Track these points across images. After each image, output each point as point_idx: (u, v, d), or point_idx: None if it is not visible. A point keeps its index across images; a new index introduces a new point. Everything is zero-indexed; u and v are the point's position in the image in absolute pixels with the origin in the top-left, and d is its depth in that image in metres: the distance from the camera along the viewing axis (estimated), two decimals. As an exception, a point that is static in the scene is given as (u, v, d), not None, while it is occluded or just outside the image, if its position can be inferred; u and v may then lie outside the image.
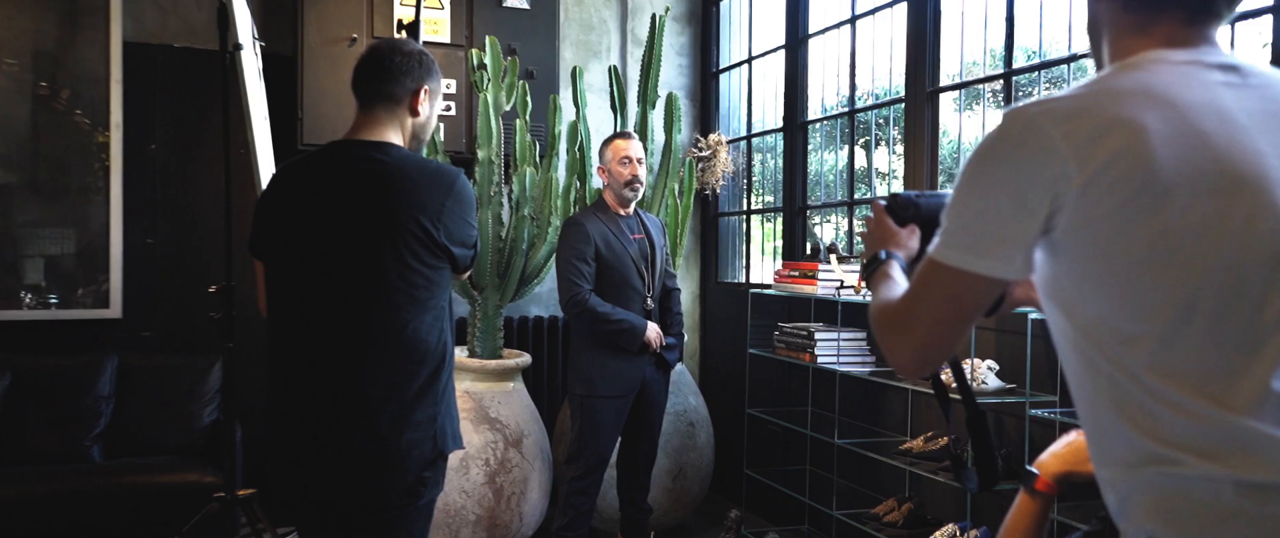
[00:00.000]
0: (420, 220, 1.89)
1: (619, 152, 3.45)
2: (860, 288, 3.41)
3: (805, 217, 4.32)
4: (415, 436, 1.91)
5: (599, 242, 3.38)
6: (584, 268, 3.34)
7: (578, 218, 3.45)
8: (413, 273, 1.90)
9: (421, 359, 1.92)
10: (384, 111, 1.99)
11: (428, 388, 1.93)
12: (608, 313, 3.35)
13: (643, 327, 3.39)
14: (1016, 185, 0.98)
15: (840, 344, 3.46)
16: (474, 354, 3.93)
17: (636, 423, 3.55)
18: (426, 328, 1.93)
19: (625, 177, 3.43)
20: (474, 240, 2.02)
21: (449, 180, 1.96)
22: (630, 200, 3.48)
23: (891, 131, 3.85)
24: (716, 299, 5.00)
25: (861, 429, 3.59)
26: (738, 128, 5.00)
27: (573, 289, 3.33)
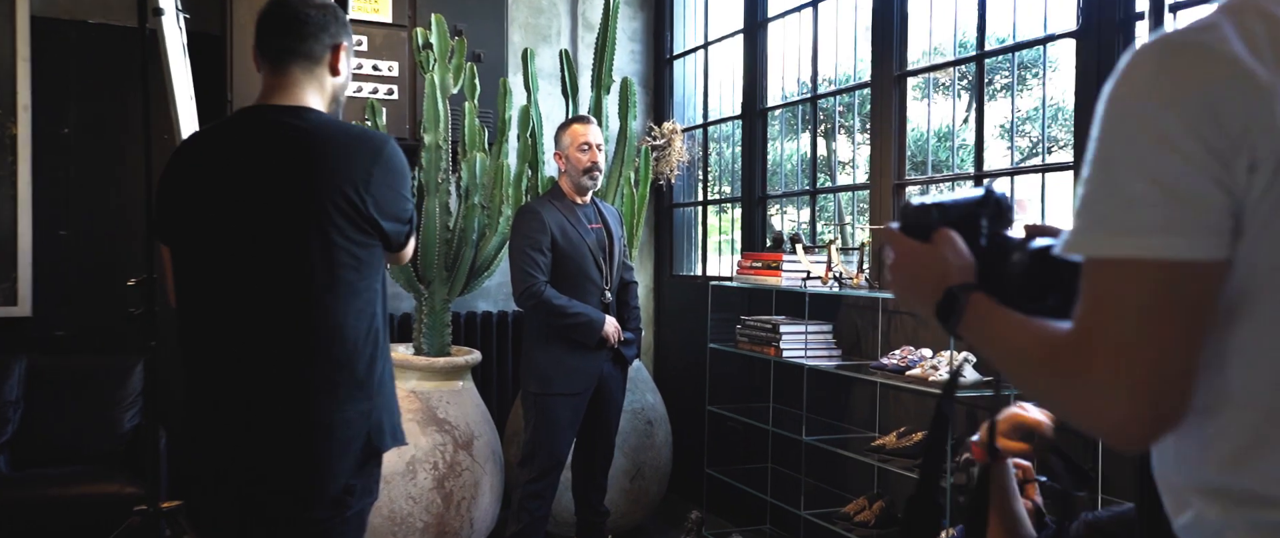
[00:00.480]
0: (345, 191, 1.70)
1: (577, 137, 3.27)
2: (827, 279, 3.29)
3: (765, 207, 4.19)
4: (347, 434, 1.73)
5: (555, 231, 3.19)
6: (539, 258, 3.15)
7: (532, 206, 3.26)
8: (338, 252, 1.71)
9: (352, 349, 1.73)
10: (301, 72, 1.79)
11: (360, 381, 1.74)
12: (564, 306, 3.16)
13: (600, 320, 3.21)
14: (1203, 127, 0.71)
15: (807, 337, 3.33)
16: (420, 352, 3.71)
17: (593, 422, 3.38)
18: (356, 313, 1.74)
19: (584, 164, 3.24)
20: (409, 214, 1.83)
21: (376, 146, 1.77)
22: (589, 189, 3.30)
23: (855, 119, 3.73)
24: (672, 292, 4.84)
25: (827, 426, 3.47)
26: (693, 116, 4.85)
27: (527, 280, 3.14)
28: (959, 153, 3.51)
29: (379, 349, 1.79)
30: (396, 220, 1.80)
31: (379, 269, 1.81)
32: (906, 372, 2.80)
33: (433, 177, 3.50)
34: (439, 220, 3.56)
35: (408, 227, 1.84)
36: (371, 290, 1.79)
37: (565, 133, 3.30)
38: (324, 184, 1.70)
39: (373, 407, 1.77)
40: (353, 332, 1.73)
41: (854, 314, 3.49)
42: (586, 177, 3.25)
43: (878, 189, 3.41)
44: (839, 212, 3.92)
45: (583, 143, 3.25)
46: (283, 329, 1.72)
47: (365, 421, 1.75)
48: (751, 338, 3.58)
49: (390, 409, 1.84)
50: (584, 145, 3.25)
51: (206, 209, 1.76)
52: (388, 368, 1.84)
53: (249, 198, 1.73)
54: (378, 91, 4.12)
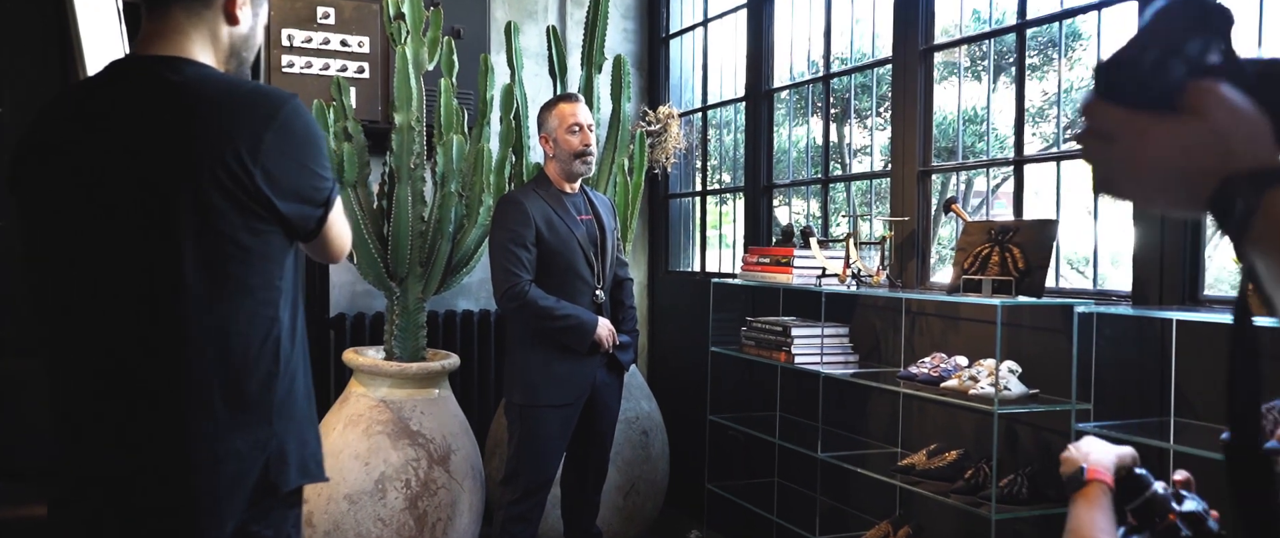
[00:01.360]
0: (226, 162, 1.37)
1: (566, 117, 2.91)
2: (845, 277, 2.95)
3: (771, 197, 3.84)
4: (235, 467, 1.41)
5: (540, 223, 2.84)
6: (523, 254, 2.79)
7: (515, 196, 2.90)
8: (220, 240, 1.39)
9: (240, 362, 1.41)
10: (184, 15, 1.46)
11: (251, 402, 1.43)
12: (551, 307, 2.81)
13: (593, 323, 2.86)
14: None
15: (823, 341, 2.98)
16: (392, 356, 3.35)
17: (585, 435, 3.03)
18: (247, 318, 1.42)
19: (574, 147, 2.89)
20: (323, 195, 1.49)
21: (272, 105, 1.43)
22: (579, 176, 2.94)
23: (871, 101, 3.39)
24: (667, 290, 4.50)
25: (842, 440, 3.13)
26: (691, 99, 4.50)
27: (510, 279, 2.79)
28: (986, 139, 3.17)
29: (283, 363, 1.47)
30: (302, 201, 1.46)
31: (282, 264, 1.48)
32: (940, 383, 2.47)
33: (404, 161, 3.14)
34: (412, 210, 3.20)
35: (321, 211, 1.51)
36: (269, 289, 1.45)
37: (551, 113, 2.95)
38: (200, 153, 1.37)
39: (272, 434, 1.45)
40: (242, 341, 1.41)
41: (872, 316, 3.16)
42: (578, 162, 2.90)
43: (899, 176, 3.07)
44: (851, 202, 3.58)
45: (572, 124, 2.90)
46: (148, 336, 1.39)
47: (260, 451, 1.43)
48: (759, 341, 3.24)
49: (301, 437, 1.51)
50: (574, 127, 2.89)
51: (60, 187, 1.42)
52: (299, 386, 1.51)
53: (107, 170, 1.39)
54: (347, 69, 3.75)
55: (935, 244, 3.07)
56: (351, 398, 3.25)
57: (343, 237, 1.64)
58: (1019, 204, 2.67)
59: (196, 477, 1.41)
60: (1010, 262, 2.39)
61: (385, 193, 3.30)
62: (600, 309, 2.95)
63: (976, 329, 2.70)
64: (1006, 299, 2.26)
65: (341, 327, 3.92)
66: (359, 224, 3.16)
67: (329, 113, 3.27)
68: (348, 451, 3.12)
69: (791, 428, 3.34)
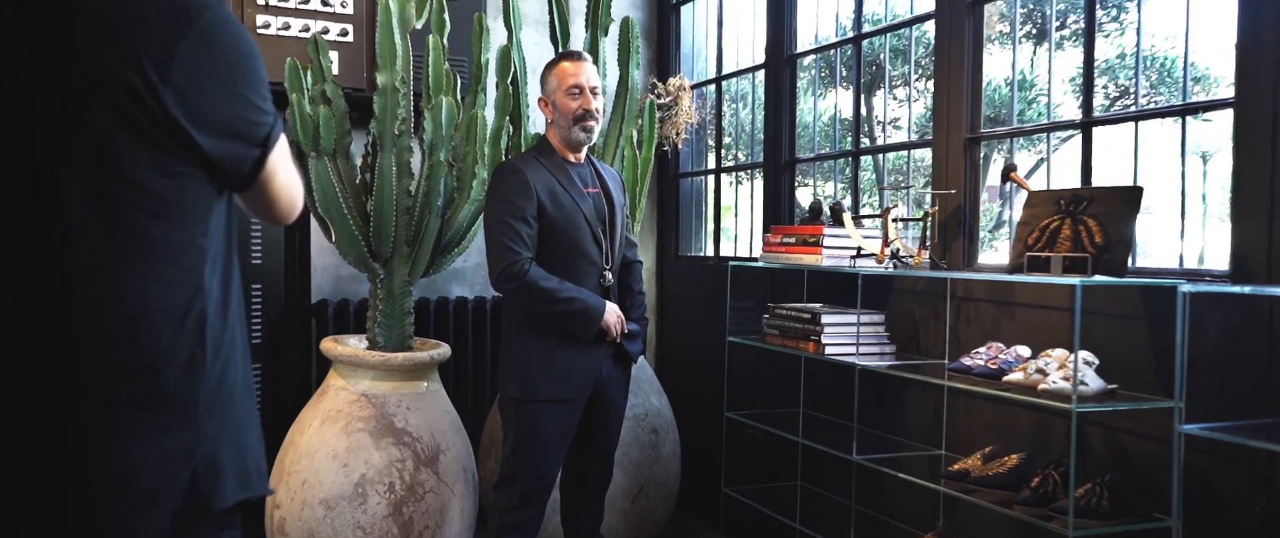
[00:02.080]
0: (127, 80, 1.06)
1: (565, 77, 2.58)
2: (883, 257, 2.62)
3: (793, 174, 3.51)
4: (151, 481, 1.11)
5: (543, 194, 2.51)
6: (522, 228, 2.46)
7: (514, 163, 2.56)
8: (121, 184, 1.08)
9: (154, 343, 1.10)
10: None
11: (170, 394, 1.12)
12: (554, 289, 2.48)
13: (600, 308, 2.54)
14: None
15: (860, 330, 2.65)
16: (375, 345, 3.02)
17: (588, 434, 2.71)
18: (160, 286, 1.11)
19: (574, 110, 2.56)
20: (261, 129, 1.18)
21: (188, 11, 1.11)
22: (582, 143, 2.61)
23: (908, 66, 3.05)
24: (677, 276, 4.17)
25: (877, 440, 2.80)
26: (704, 70, 4.17)
27: (507, 257, 2.46)
28: (1036, 104, 2.83)
29: (211, 345, 1.15)
30: (231, 136, 1.15)
31: (204, 216, 1.16)
32: (1002, 377, 2.14)
33: (388, 127, 2.80)
34: (397, 182, 2.86)
35: (257, 151, 1.19)
36: (189, 250, 1.14)
37: (551, 73, 2.61)
38: (90, 69, 1.06)
39: (201, 436, 1.14)
40: (152, 316, 1.10)
41: (910, 301, 2.82)
42: (577, 128, 2.56)
43: (943, 145, 2.74)
44: (879, 177, 3.24)
45: (572, 85, 2.56)
46: (24, 311, 1.08)
47: (184, 460, 1.12)
48: (783, 330, 2.91)
49: (239, 441, 1.20)
50: (573, 88, 2.56)
51: None
52: (236, 376, 1.20)
53: None
54: (329, 32, 3.42)
55: (989, 219, 2.73)
56: (330, 392, 2.92)
57: (290, 189, 1.31)
58: (1087, 172, 2.33)
59: (96, 498, 1.09)
60: (1084, 236, 2.05)
61: (368, 165, 2.97)
62: (608, 293, 2.63)
63: (1038, 316, 2.36)
64: (1084, 279, 1.93)
65: (324, 314, 3.60)
66: (338, 198, 2.83)
67: (305, 76, 2.94)
68: (324, 450, 2.79)
69: (817, 426, 3.01)
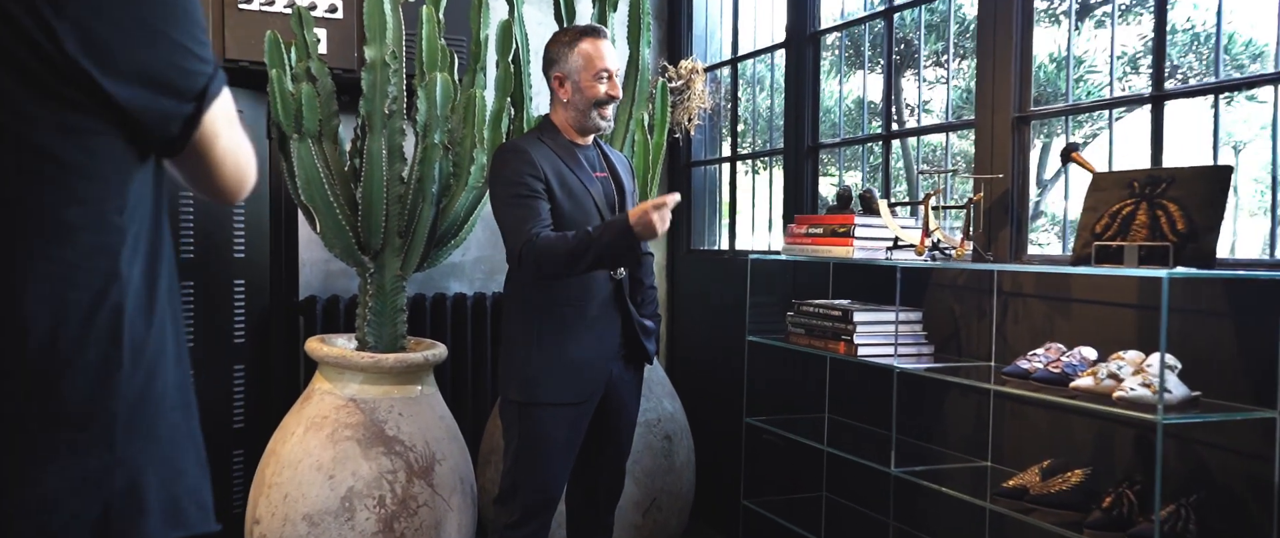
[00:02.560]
0: (12, 16, 0.84)
1: (593, 60, 2.30)
2: (923, 248, 2.37)
3: (816, 160, 3.26)
4: (54, 519, 0.89)
5: (551, 177, 2.26)
6: (538, 205, 2.20)
7: (517, 144, 2.30)
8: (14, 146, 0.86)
9: (48, 347, 0.88)
10: None
11: (75, 412, 0.90)
12: (578, 242, 2.10)
13: (623, 219, 2.07)
14: None
15: (898, 329, 2.40)
16: (365, 346, 2.78)
17: (597, 441, 2.46)
18: (58, 276, 0.89)
19: (598, 95, 2.30)
20: (196, 80, 0.95)
21: None
22: (596, 130, 2.36)
23: (945, 41, 2.80)
24: (690, 271, 3.92)
25: (912, 449, 2.56)
26: (718, 52, 3.92)
27: (523, 233, 2.17)
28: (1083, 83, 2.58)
29: (129, 346, 0.93)
30: (152, 84, 0.92)
31: (120, 185, 0.93)
32: (1068, 383, 1.89)
33: (377, 106, 2.56)
34: (387, 167, 2.62)
35: (190, 106, 0.95)
36: (101, 228, 0.92)
37: (572, 50, 2.33)
38: None
39: (117, 461, 0.92)
40: (49, 309, 0.88)
41: (949, 297, 2.58)
42: (597, 114, 2.31)
43: (987, 126, 2.49)
44: (908, 164, 2.99)
45: (601, 69, 2.30)
46: None
47: (93, 489, 0.90)
48: (810, 329, 2.66)
49: (171, 465, 0.97)
50: (603, 73, 2.30)
51: None
52: (165, 384, 0.97)
53: None
54: (317, 7, 3.17)
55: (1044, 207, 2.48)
56: (315, 396, 2.68)
57: (236, 158, 1.07)
58: (1157, 151, 2.08)
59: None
60: (1165, 222, 1.80)
61: (358, 150, 2.73)
62: (619, 288, 2.38)
63: (1100, 313, 2.12)
64: (1170, 271, 1.68)
65: (312, 311, 3.35)
66: (323, 184, 2.58)
67: (289, 53, 2.69)
68: (308, 460, 2.55)
69: (844, 433, 2.77)
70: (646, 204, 2.03)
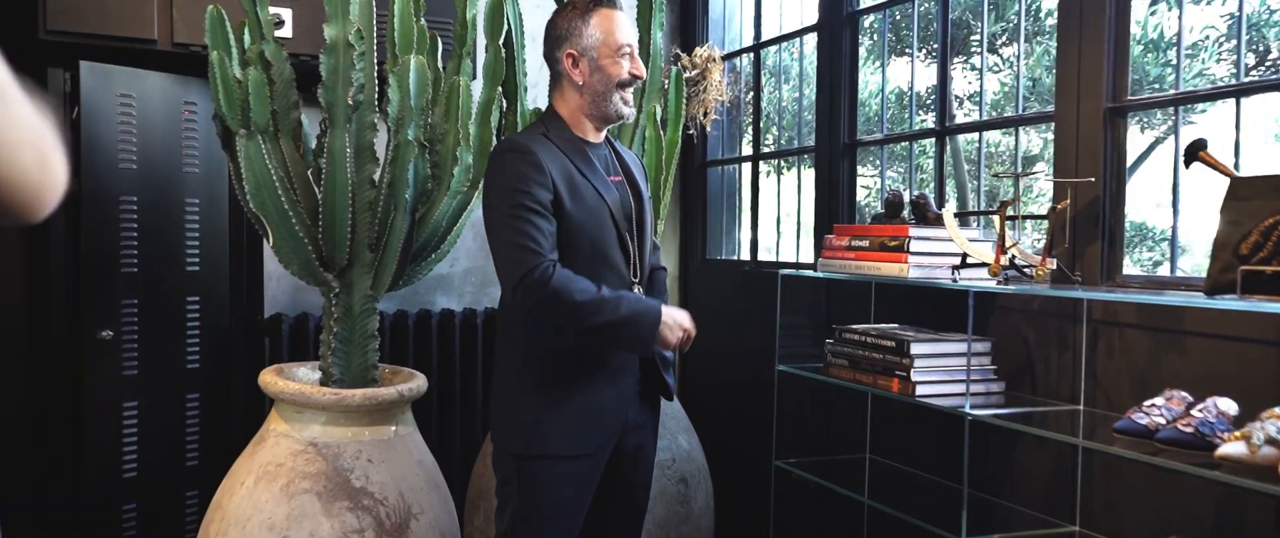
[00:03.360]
0: None
1: (612, 33, 1.86)
2: (998, 268, 1.95)
3: (854, 160, 2.84)
4: None
5: (560, 182, 1.82)
6: (541, 223, 1.78)
7: (520, 142, 1.86)
8: None
9: None
10: None
11: None
12: (593, 295, 1.77)
13: (655, 311, 1.82)
14: None
15: (970, 364, 1.98)
16: (328, 379, 2.36)
17: (610, 498, 2.03)
18: None
19: (620, 73, 1.87)
20: None
21: None
22: (617, 119, 1.92)
23: (1012, 20, 2.38)
24: (704, 282, 3.51)
25: (980, 506, 2.14)
26: (736, 38, 3.51)
27: (525, 261, 1.76)
28: (1170, 69, 2.16)
29: None
30: None
31: None
32: (1210, 449, 1.47)
33: (340, 96, 2.14)
34: (354, 168, 2.21)
35: None
36: None
37: (585, 23, 1.88)
38: None
39: None
40: None
41: (1020, 323, 2.16)
42: (619, 98, 1.89)
43: (1070, 119, 2.07)
44: (957, 159, 2.57)
45: (624, 44, 1.87)
46: None
47: None
48: (855, 361, 2.25)
49: None
50: (625, 49, 1.88)
51: None
52: None
53: None
54: (280, -16, 2.76)
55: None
56: (269, 440, 2.27)
57: (15, 151, 0.65)
58: (1306, 152, 1.66)
59: None
60: (1341, 243, 1.38)
61: (322, 149, 2.31)
62: (637, 313, 1.95)
63: (1236, 353, 1.70)
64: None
65: (277, 332, 2.94)
66: (276, 189, 2.17)
67: (243, 34, 2.29)
68: (258, 518, 2.14)
69: (888, 479, 2.36)
70: (687, 322, 1.85)
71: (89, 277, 2.63)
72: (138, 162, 2.70)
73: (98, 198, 2.63)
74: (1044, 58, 2.76)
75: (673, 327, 1.81)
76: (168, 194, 2.77)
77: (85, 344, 2.63)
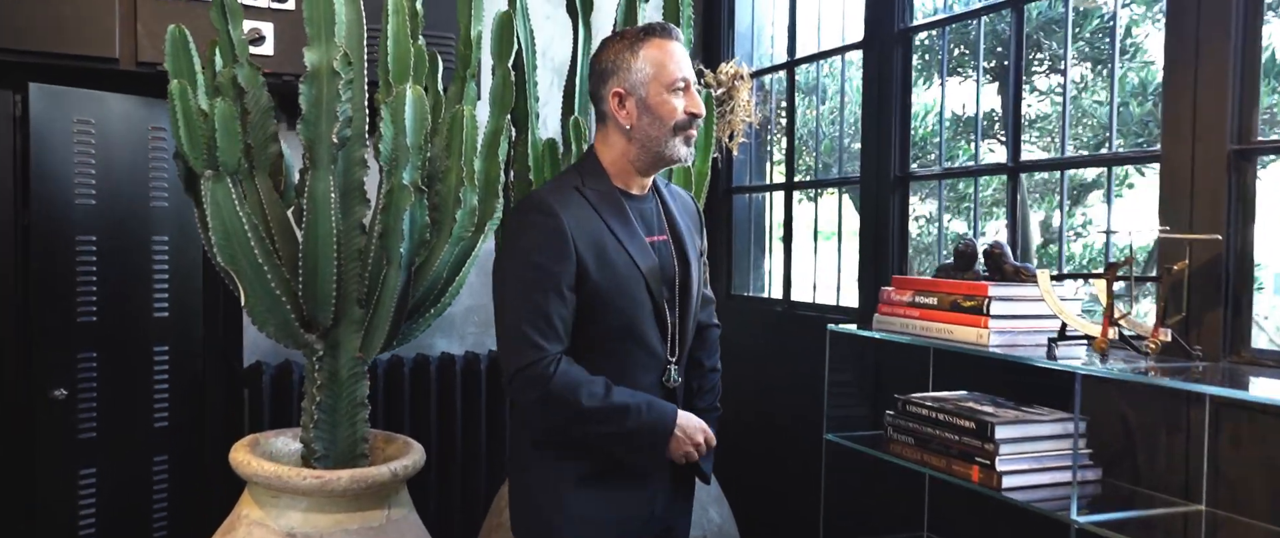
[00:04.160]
0: None
1: (666, 67, 1.52)
2: (1104, 342, 1.64)
3: (907, 194, 2.53)
4: None
5: (586, 252, 1.50)
6: (554, 308, 1.47)
7: (546, 200, 1.53)
8: None
9: None
10: None
11: None
12: (599, 400, 1.49)
13: (667, 420, 1.55)
14: None
15: (1076, 454, 1.67)
16: (310, 456, 2.04)
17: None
18: None
19: (676, 115, 1.55)
20: None
21: None
22: (674, 163, 1.60)
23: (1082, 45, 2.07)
24: (732, 322, 3.18)
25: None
26: (764, 55, 3.19)
27: (526, 353, 1.47)
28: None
29: None
30: None
31: None
32: None
33: (323, 133, 1.83)
34: (339, 215, 1.89)
35: None
36: None
37: (636, 55, 1.55)
38: None
39: None
40: None
41: (1118, 399, 1.85)
42: (678, 141, 1.56)
43: (1181, 161, 1.76)
44: (1008, 200, 2.25)
45: (679, 78, 1.55)
46: None
47: None
48: (923, 439, 1.93)
49: None
50: (679, 83, 1.55)
51: None
52: None
53: None
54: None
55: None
56: (241, 530, 1.95)
57: None
58: None
59: None
60: None
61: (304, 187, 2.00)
62: (672, 397, 1.64)
63: None
64: None
65: (258, 383, 2.62)
66: (247, 239, 1.85)
67: (214, 55, 1.97)
68: (226, 627, 1.82)
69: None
70: (700, 437, 1.60)
71: (40, 329, 2.31)
72: (97, 195, 2.39)
73: (50, 238, 2.32)
74: (1128, 81, 2.43)
75: (684, 441, 1.58)
76: (132, 232, 2.45)
77: (36, 405, 2.32)
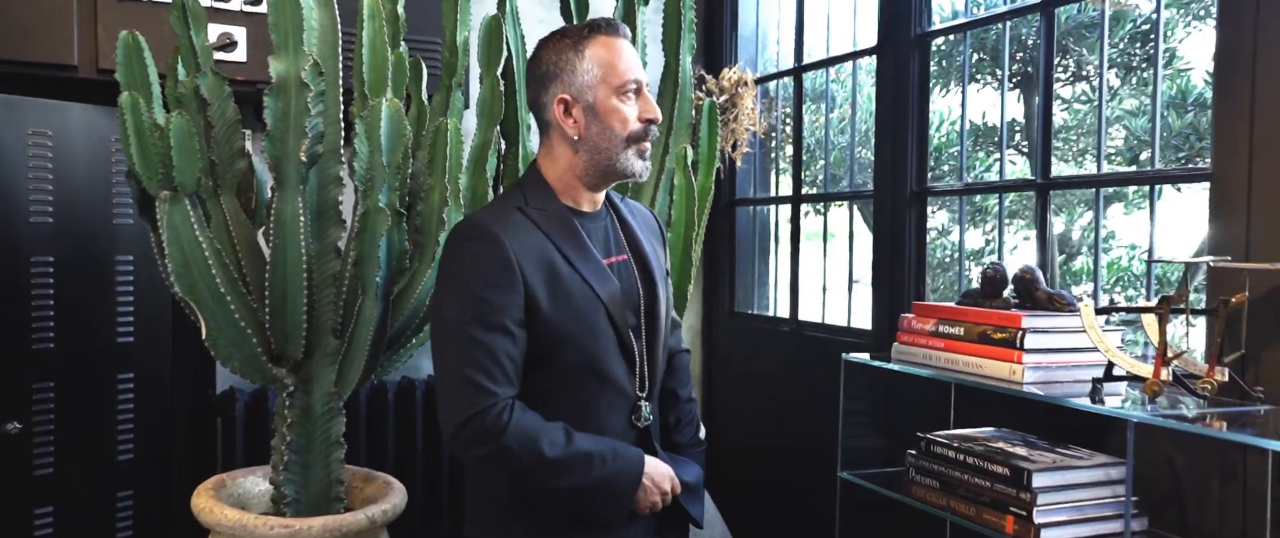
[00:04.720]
0: None
1: (614, 66, 1.35)
2: (1157, 385, 1.48)
3: (924, 210, 2.36)
4: None
5: (535, 280, 1.32)
6: (500, 346, 1.29)
7: (486, 226, 1.36)
8: None
9: None
10: None
11: None
12: (561, 455, 1.32)
13: (634, 469, 1.38)
14: None
15: (1128, 504, 1.51)
16: (280, 501, 1.87)
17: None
18: None
19: (631, 126, 1.38)
20: None
21: None
22: (631, 175, 1.43)
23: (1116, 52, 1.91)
24: (733, 340, 3.03)
25: None
26: (770, 60, 3.04)
27: (472, 401, 1.29)
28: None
29: None
30: None
31: None
32: None
33: (290, 150, 1.66)
34: (309, 238, 1.72)
35: None
36: None
37: (580, 55, 1.38)
38: None
39: None
40: None
41: (1165, 442, 1.69)
42: (632, 153, 1.39)
43: (1236, 181, 1.60)
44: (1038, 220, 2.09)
45: (630, 80, 1.38)
46: None
47: None
48: (949, 483, 1.77)
49: None
50: (630, 86, 1.38)
51: None
52: None
53: None
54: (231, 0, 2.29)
55: None
56: (202, 582, 1.78)
57: None
58: None
59: None
60: None
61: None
62: (645, 436, 1.47)
63: None
64: None
65: (230, 411, 2.45)
66: (207, 266, 1.68)
67: (175, 63, 1.81)
68: None
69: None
70: (667, 486, 1.42)
71: (-9, 358, 2.14)
72: (55, 213, 2.22)
73: (1, 259, 2.15)
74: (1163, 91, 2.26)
75: (651, 490, 1.40)
76: (93, 252, 2.28)
77: (-13, 441, 2.15)
